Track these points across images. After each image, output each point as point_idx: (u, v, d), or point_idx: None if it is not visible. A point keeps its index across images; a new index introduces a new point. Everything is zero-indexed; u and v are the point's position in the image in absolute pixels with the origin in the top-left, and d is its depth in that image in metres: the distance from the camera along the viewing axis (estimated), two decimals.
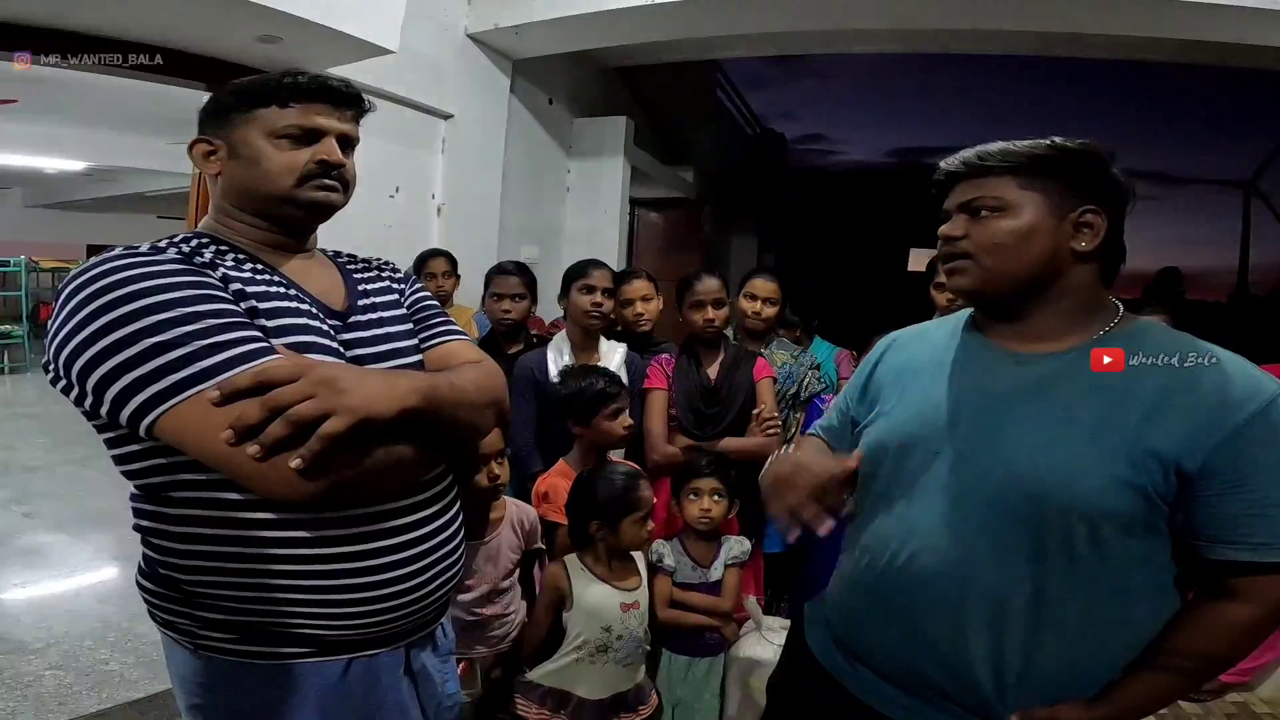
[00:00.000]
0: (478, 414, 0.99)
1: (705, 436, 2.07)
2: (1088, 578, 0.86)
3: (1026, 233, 0.90)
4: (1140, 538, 0.86)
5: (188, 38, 2.25)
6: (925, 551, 0.93)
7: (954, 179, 0.97)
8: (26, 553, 3.29)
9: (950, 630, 0.91)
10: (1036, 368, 0.92)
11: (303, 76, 0.96)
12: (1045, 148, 0.91)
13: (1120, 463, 0.84)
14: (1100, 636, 0.88)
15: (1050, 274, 0.92)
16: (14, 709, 2.08)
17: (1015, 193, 0.91)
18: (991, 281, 0.93)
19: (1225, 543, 0.83)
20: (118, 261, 0.82)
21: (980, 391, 0.95)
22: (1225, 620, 0.86)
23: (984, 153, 0.93)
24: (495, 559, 1.74)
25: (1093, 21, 3.00)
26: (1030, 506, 0.87)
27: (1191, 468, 0.82)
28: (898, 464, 1.00)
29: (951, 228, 0.95)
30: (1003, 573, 0.88)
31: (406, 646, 1.01)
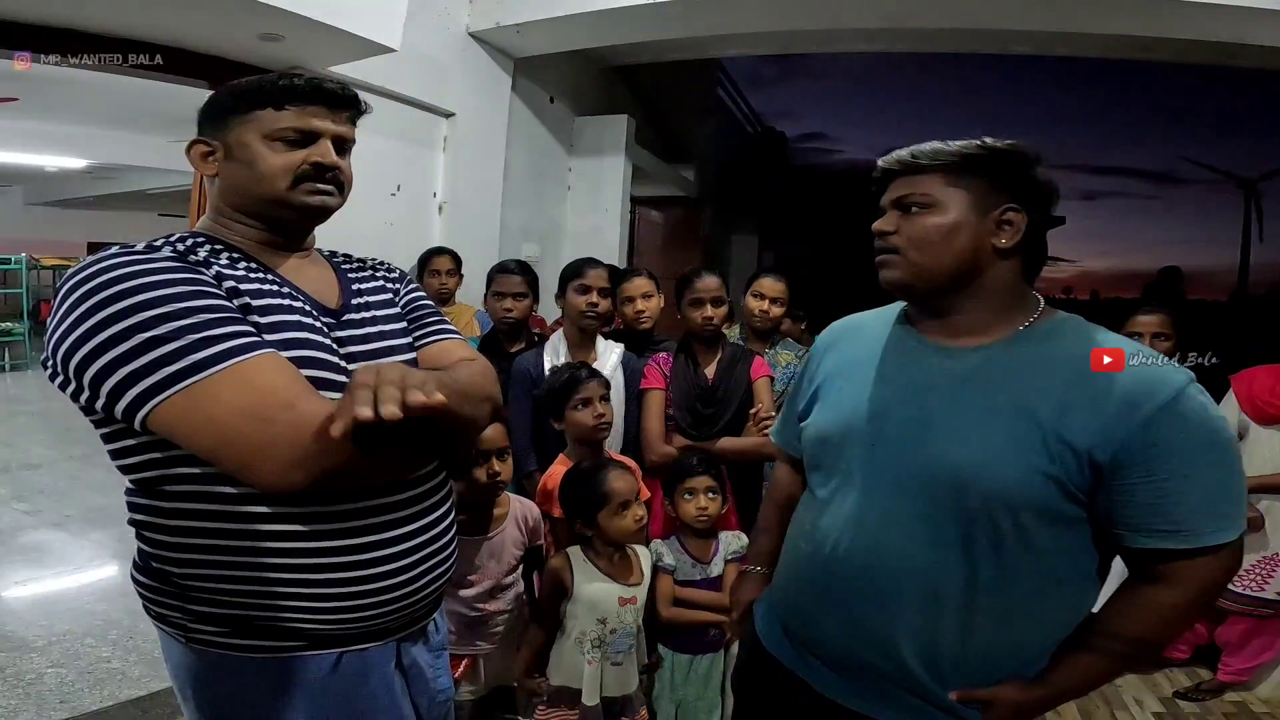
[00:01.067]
0: (475, 408, 0.99)
1: (702, 437, 2.06)
2: (1016, 565, 0.90)
3: (951, 229, 0.94)
4: (1064, 526, 0.89)
5: (190, 36, 2.25)
6: (862, 541, 0.97)
7: (890, 176, 1.01)
8: (27, 550, 3.30)
9: (888, 618, 0.94)
10: (961, 361, 0.96)
11: (299, 79, 0.97)
12: (974, 147, 0.94)
13: (1036, 453, 0.87)
14: (1031, 622, 0.92)
15: (973, 269, 0.95)
16: (15, 707, 2.08)
17: (943, 190, 0.94)
18: (918, 275, 0.96)
19: (1142, 532, 0.87)
20: (114, 260, 0.83)
21: (909, 384, 0.98)
22: (1155, 604, 0.90)
23: (917, 151, 0.97)
24: (498, 555, 1.74)
25: (1092, 21, 3.00)
26: (956, 496, 0.90)
27: (1103, 458, 0.85)
28: (835, 456, 1.04)
29: (883, 223, 0.99)
30: (935, 561, 0.92)
31: (398, 641, 1.01)
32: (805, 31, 3.58)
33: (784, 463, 1.31)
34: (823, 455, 1.06)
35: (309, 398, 0.83)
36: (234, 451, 0.79)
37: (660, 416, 2.09)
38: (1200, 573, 0.87)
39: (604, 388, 1.90)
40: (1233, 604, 2.38)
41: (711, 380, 2.11)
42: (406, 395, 0.71)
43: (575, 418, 1.89)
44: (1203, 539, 0.85)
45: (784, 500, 1.25)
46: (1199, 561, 0.86)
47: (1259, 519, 2.37)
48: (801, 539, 1.08)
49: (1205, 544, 0.85)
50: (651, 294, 2.35)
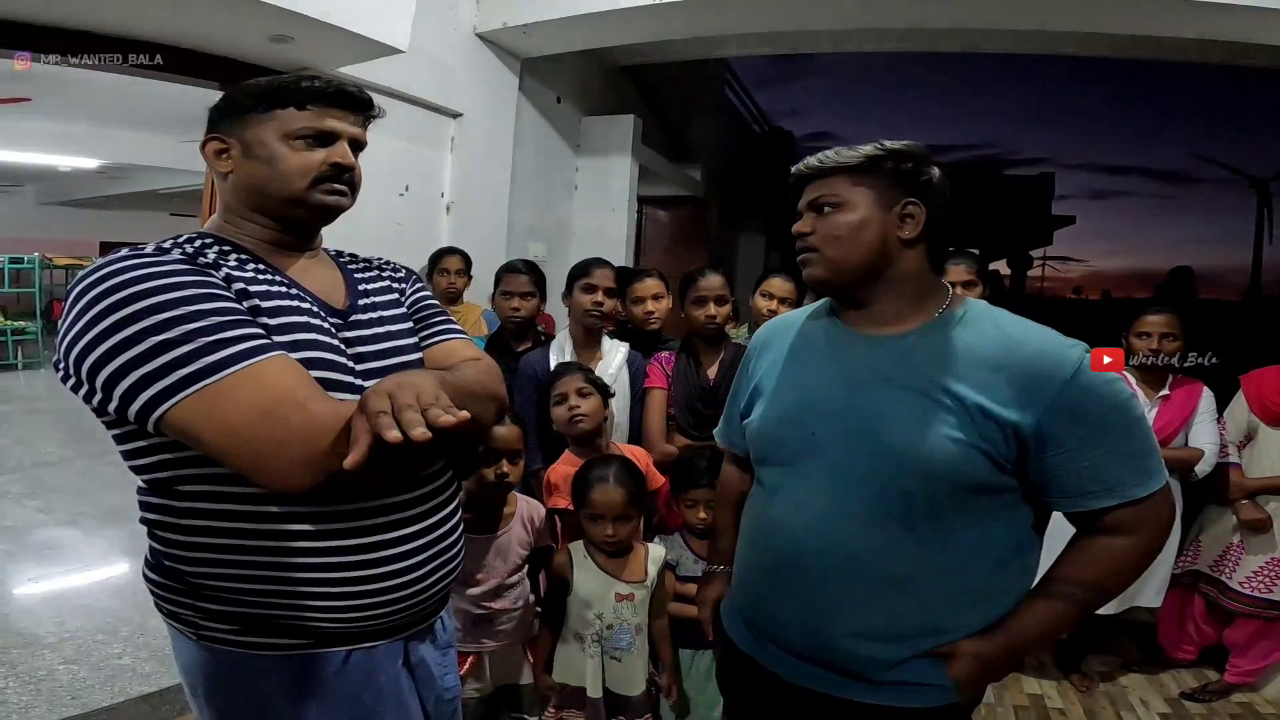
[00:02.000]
0: (481, 409, 1.00)
1: (703, 437, 2.06)
2: (959, 537, 0.96)
3: (859, 224, 1.01)
4: (997, 496, 0.96)
5: (200, 37, 2.27)
6: (812, 528, 1.01)
7: (804, 181, 1.08)
8: (40, 547, 3.32)
9: (844, 600, 0.99)
10: (885, 348, 1.02)
11: (319, 80, 0.98)
12: (873, 149, 1.02)
13: (964, 430, 0.93)
14: (982, 588, 0.98)
15: (883, 260, 1.02)
16: (28, 703, 2.11)
17: (849, 190, 1.02)
18: (835, 269, 1.03)
19: (1081, 495, 0.95)
20: (124, 262, 0.83)
21: (843, 374, 1.05)
22: (1109, 550, 0.97)
23: (824, 156, 1.05)
24: (505, 554, 1.76)
25: (1102, 20, 2.98)
26: (895, 476, 0.96)
27: (1027, 432, 0.93)
28: (778, 447, 1.10)
29: (801, 225, 1.06)
30: (883, 540, 0.97)
31: (406, 639, 1.02)
32: (811, 31, 3.57)
33: (730, 463, 1.37)
34: (767, 448, 1.12)
35: (320, 399, 0.84)
36: (246, 452, 0.80)
37: (662, 416, 2.10)
38: (1144, 518, 0.95)
39: (581, 381, 1.92)
40: (1241, 605, 2.37)
41: (713, 380, 2.11)
42: (429, 415, 0.73)
43: (554, 413, 1.91)
44: (1134, 492, 0.94)
45: (735, 498, 1.30)
46: (1140, 507, 0.94)
47: (1267, 520, 2.36)
48: (753, 530, 1.13)
49: (1137, 496, 0.94)
50: (661, 295, 2.35)
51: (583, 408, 1.88)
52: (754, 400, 1.17)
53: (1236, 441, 2.44)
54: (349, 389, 0.92)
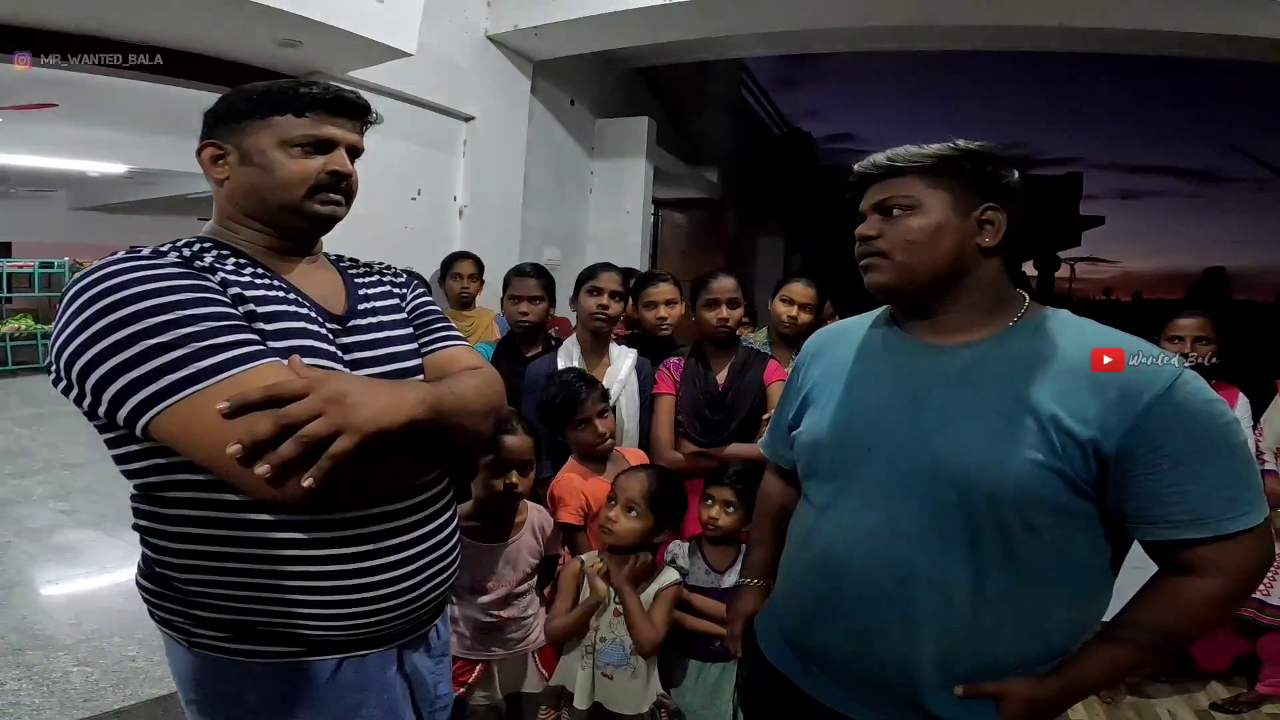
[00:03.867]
0: (477, 422, 0.99)
1: (711, 443, 2.03)
2: (1025, 562, 0.88)
3: (934, 230, 0.94)
4: (1072, 520, 0.88)
5: (208, 41, 2.29)
6: (865, 548, 0.95)
7: (867, 181, 1.01)
8: (63, 549, 3.38)
9: (896, 623, 0.93)
10: (953, 358, 0.96)
11: (317, 87, 0.97)
12: (949, 149, 0.95)
13: (1038, 448, 0.86)
14: (1043, 619, 0.90)
15: (959, 269, 0.95)
16: (40, 705, 2.13)
17: (923, 192, 0.95)
18: (905, 277, 0.96)
19: (1160, 523, 0.86)
20: (118, 265, 0.83)
21: (903, 385, 0.98)
22: (1187, 595, 0.88)
23: (894, 155, 0.97)
24: (514, 562, 1.73)
25: (1127, 16, 2.90)
26: (959, 496, 0.89)
27: (1109, 450, 0.85)
28: (831, 462, 1.03)
29: (866, 228, 0.99)
30: (942, 564, 0.90)
31: (399, 648, 1.01)
32: (825, 30, 3.52)
33: (773, 474, 1.30)
34: (817, 462, 1.06)
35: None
36: (231, 461, 0.78)
37: (669, 423, 2.07)
38: (1231, 560, 0.85)
39: (602, 401, 1.88)
40: (1272, 618, 2.27)
41: (722, 385, 2.07)
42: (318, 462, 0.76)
43: (578, 437, 1.88)
44: (1223, 526, 0.84)
45: (775, 512, 1.24)
46: (1226, 547, 0.84)
47: None
48: (800, 548, 1.07)
49: (1227, 530, 0.84)
50: (675, 300, 2.32)
51: (609, 430, 1.87)
52: (803, 411, 1.11)
53: (1274, 448, 2.35)
54: None
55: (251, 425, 0.75)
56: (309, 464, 0.76)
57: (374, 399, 0.81)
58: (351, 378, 0.88)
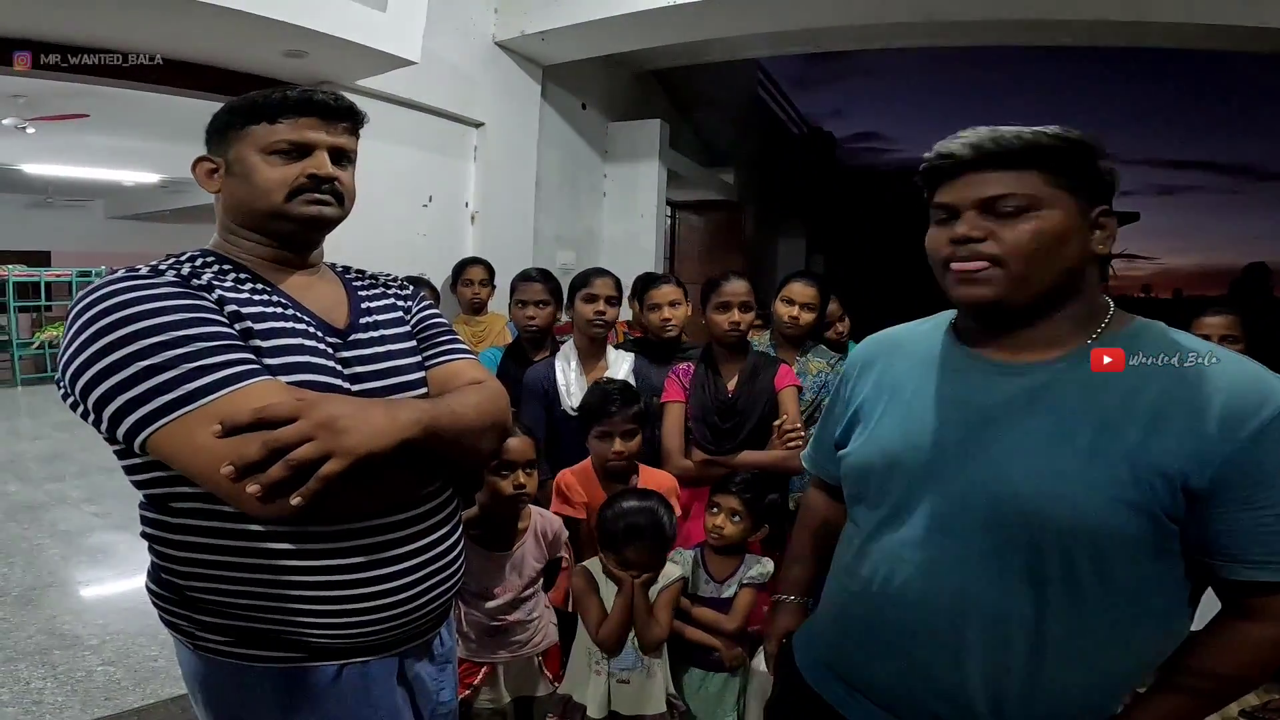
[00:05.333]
0: (478, 438, 0.99)
1: (721, 451, 2.00)
2: (1093, 602, 0.80)
3: (1061, 236, 0.80)
4: (1150, 559, 0.79)
5: (215, 53, 2.34)
6: (918, 579, 0.87)
7: (956, 168, 0.84)
8: (94, 551, 3.47)
9: (948, 660, 0.85)
10: (1025, 378, 0.85)
11: (292, 91, 0.97)
12: (1059, 139, 0.80)
13: (1123, 482, 0.77)
14: (1108, 661, 0.82)
15: (1073, 281, 0.83)
16: (62, 703, 2.19)
17: (1048, 190, 0.80)
18: (1020, 290, 0.82)
19: (1241, 562, 0.77)
20: (116, 286, 0.85)
21: (966, 406, 0.88)
22: (1248, 641, 0.80)
23: (1002, 140, 0.81)
24: (520, 568, 1.74)
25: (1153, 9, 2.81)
26: (1027, 529, 0.80)
27: (1200, 484, 0.76)
28: (883, 486, 0.94)
29: (968, 228, 0.82)
30: (1001, 599, 0.82)
31: (401, 655, 1.01)
32: (837, 28, 3.47)
33: (817, 488, 1.21)
34: (866, 486, 0.97)
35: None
36: (221, 480, 0.78)
37: (679, 431, 2.04)
38: None
39: (632, 422, 1.85)
40: None
41: (732, 392, 2.04)
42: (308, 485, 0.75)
43: (594, 446, 1.87)
44: None
45: (818, 527, 1.18)
46: None
47: None
48: (845, 575, 0.99)
49: None
50: (679, 302, 2.30)
51: (627, 452, 1.84)
52: (851, 428, 1.02)
53: None
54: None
55: (241, 448, 0.75)
56: (300, 483, 0.75)
57: (365, 421, 0.80)
58: (344, 400, 0.87)
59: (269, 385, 0.84)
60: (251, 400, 0.80)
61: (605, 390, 1.90)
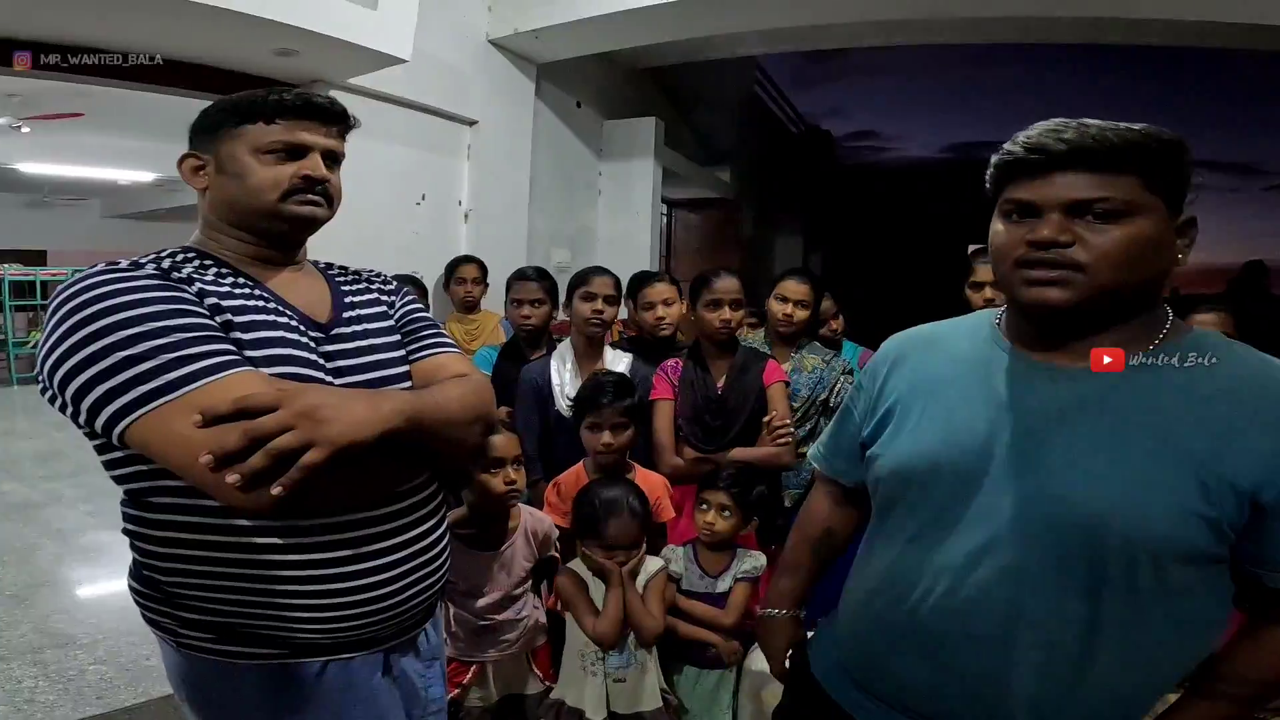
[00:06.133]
0: (462, 430, 0.98)
1: (711, 449, 2.00)
2: (1147, 609, 0.78)
3: (1153, 245, 0.76)
4: (1203, 566, 0.78)
5: (206, 52, 2.33)
6: (964, 588, 0.84)
7: (1042, 165, 0.79)
8: (88, 550, 3.47)
9: (992, 668, 0.83)
10: (1083, 385, 0.81)
11: (288, 94, 0.98)
12: (1166, 143, 0.76)
13: (1190, 493, 0.75)
14: (1152, 665, 0.82)
15: (1151, 290, 0.80)
16: (54, 701, 2.19)
17: (1143, 196, 0.75)
18: (1100, 298, 0.78)
19: None
20: (96, 278, 0.84)
21: (1018, 411, 0.84)
22: None
23: (1103, 138, 0.75)
24: (509, 567, 1.73)
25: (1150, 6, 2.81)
26: (1087, 539, 0.78)
27: (1270, 498, 0.74)
28: (923, 492, 0.90)
29: (1054, 230, 0.77)
30: (1054, 608, 0.80)
31: (386, 651, 1.01)
32: (830, 26, 3.47)
33: (823, 493, 1.17)
34: (904, 490, 0.93)
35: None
36: (201, 470, 0.78)
37: (669, 428, 2.03)
38: None
39: (622, 416, 1.84)
40: None
41: (721, 389, 2.03)
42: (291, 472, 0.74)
43: (586, 437, 1.87)
44: None
45: (819, 537, 1.15)
46: None
47: None
48: (875, 581, 0.95)
49: None
50: (673, 300, 2.30)
51: (616, 444, 1.84)
52: (883, 427, 0.97)
53: None
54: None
55: (221, 437, 0.74)
56: (280, 474, 0.75)
57: (347, 411, 0.80)
58: (326, 389, 0.88)
59: (249, 375, 0.84)
60: (231, 390, 0.79)
61: (599, 382, 1.90)
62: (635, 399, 1.88)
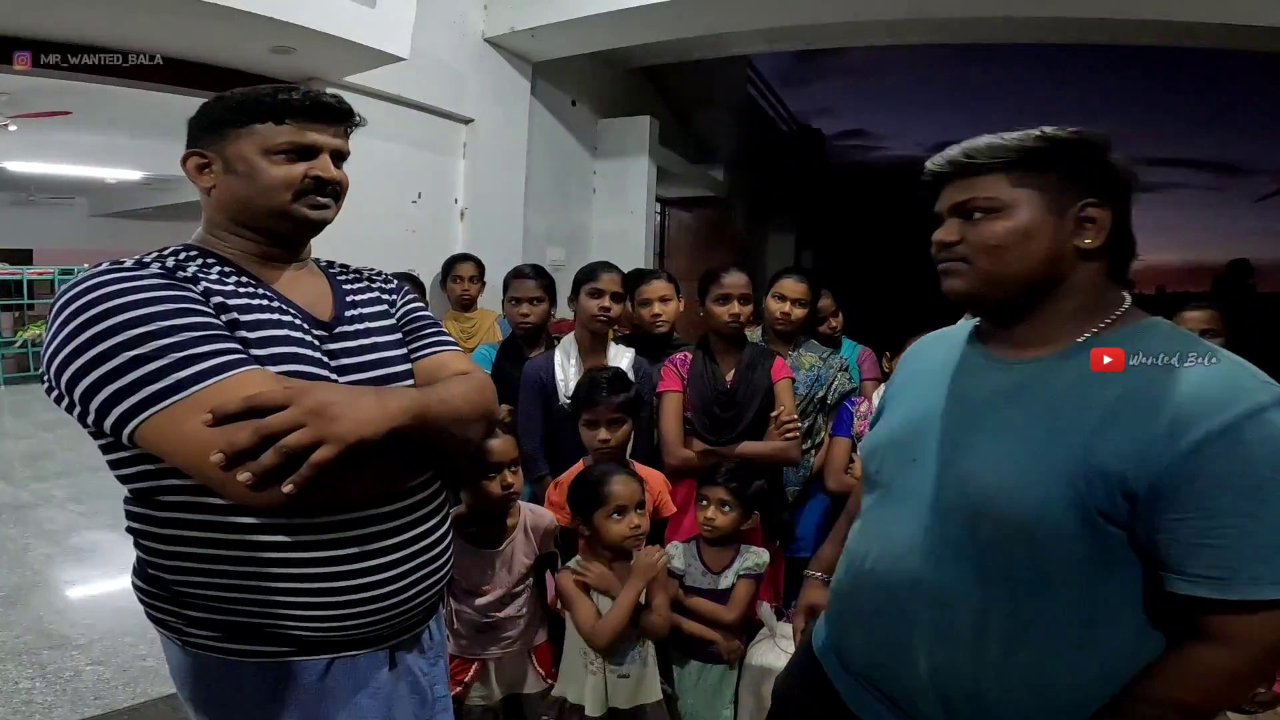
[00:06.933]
0: (466, 428, 1.00)
1: (721, 441, 2.01)
2: (1033, 605, 0.81)
3: (1024, 233, 0.85)
4: (1096, 565, 0.78)
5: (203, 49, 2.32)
6: (887, 557, 0.93)
7: (943, 179, 0.92)
8: (80, 550, 3.45)
9: (900, 640, 0.90)
10: (1014, 373, 0.89)
11: (297, 93, 0.97)
12: (1035, 139, 0.84)
13: (1061, 478, 0.78)
14: (1058, 672, 0.81)
15: (1054, 275, 0.86)
16: (51, 703, 2.18)
17: (1009, 191, 0.85)
18: (990, 284, 0.88)
19: (1179, 574, 0.75)
20: (102, 278, 0.84)
21: (960, 398, 0.93)
22: (1197, 666, 0.76)
23: (972, 150, 0.87)
24: (509, 564, 1.74)
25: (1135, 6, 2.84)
26: (974, 517, 0.84)
27: (1138, 487, 0.75)
28: (879, 470, 1.01)
29: (945, 233, 0.91)
30: (949, 586, 0.86)
31: (391, 648, 1.02)
32: (825, 25, 3.49)
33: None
34: (870, 468, 1.04)
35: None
36: (210, 469, 0.79)
37: (678, 420, 2.04)
38: (1250, 633, 0.73)
39: (619, 411, 1.85)
40: None
41: (730, 383, 2.05)
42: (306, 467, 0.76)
43: (584, 434, 1.88)
44: (1249, 590, 0.72)
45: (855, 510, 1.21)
46: (1250, 619, 0.72)
47: None
48: (844, 554, 1.06)
49: (1252, 597, 0.72)
50: (670, 297, 2.31)
51: (613, 440, 1.85)
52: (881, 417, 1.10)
53: None
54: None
55: (231, 435, 0.75)
56: (291, 471, 0.76)
57: (356, 409, 0.81)
58: (334, 387, 0.89)
59: (257, 374, 0.84)
60: (240, 389, 0.80)
61: (594, 378, 1.90)
62: (631, 393, 1.89)
